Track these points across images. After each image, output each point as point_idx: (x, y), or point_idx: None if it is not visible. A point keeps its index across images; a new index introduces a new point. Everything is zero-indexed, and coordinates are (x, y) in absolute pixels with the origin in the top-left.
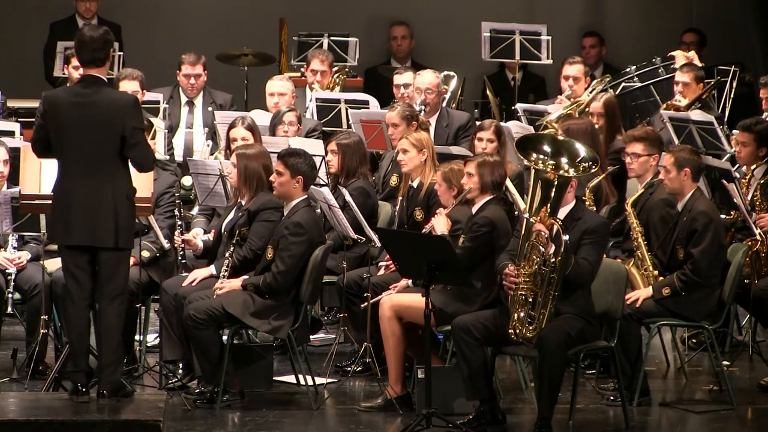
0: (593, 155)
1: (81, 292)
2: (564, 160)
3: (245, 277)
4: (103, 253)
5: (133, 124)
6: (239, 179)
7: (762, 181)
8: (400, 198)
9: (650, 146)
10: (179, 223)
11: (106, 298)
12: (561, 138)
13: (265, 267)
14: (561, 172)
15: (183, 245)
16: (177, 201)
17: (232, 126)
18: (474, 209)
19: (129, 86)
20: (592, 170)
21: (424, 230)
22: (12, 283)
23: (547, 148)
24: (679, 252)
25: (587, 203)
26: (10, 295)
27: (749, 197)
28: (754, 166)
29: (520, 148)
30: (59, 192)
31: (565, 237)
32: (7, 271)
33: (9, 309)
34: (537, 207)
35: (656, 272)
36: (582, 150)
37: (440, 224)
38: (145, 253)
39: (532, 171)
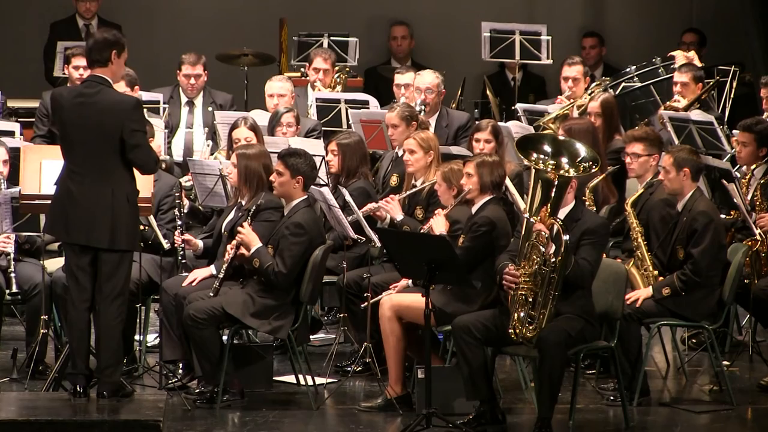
0: (594, 155)
1: (81, 294)
2: (564, 160)
3: (260, 246)
4: (103, 253)
5: (132, 127)
6: (239, 179)
7: (762, 181)
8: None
9: (650, 146)
10: (179, 223)
11: (105, 299)
12: (561, 138)
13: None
14: (561, 172)
15: (183, 245)
16: (177, 201)
17: (234, 126)
18: (473, 209)
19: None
20: (593, 170)
21: (424, 229)
22: (13, 268)
23: (547, 148)
24: (679, 252)
25: (587, 203)
26: (12, 275)
27: (749, 197)
28: (754, 166)
29: (520, 148)
30: (61, 189)
31: (566, 237)
32: (7, 252)
33: (14, 289)
34: (537, 207)
35: (656, 272)
36: (582, 150)
37: (439, 225)
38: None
39: (533, 171)
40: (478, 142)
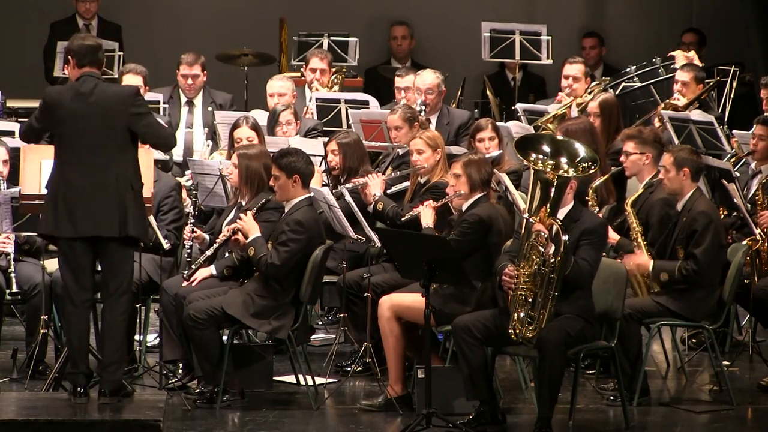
0: (593, 155)
1: (82, 293)
2: (563, 160)
3: (259, 236)
4: (109, 245)
5: (137, 111)
6: (240, 179)
7: (764, 181)
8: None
9: (641, 144)
10: (192, 221)
11: (111, 295)
12: (560, 138)
13: None
14: (560, 172)
15: (192, 241)
16: (193, 199)
17: (236, 126)
18: (464, 207)
19: (132, 80)
20: (592, 170)
21: (410, 214)
22: (13, 268)
23: (546, 148)
24: (679, 252)
25: (590, 203)
26: (12, 275)
27: (751, 194)
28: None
29: (519, 148)
30: (59, 185)
31: (565, 237)
32: (7, 252)
33: (14, 289)
34: (536, 207)
35: None
36: (582, 150)
37: (426, 216)
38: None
39: (532, 171)
40: (482, 142)
